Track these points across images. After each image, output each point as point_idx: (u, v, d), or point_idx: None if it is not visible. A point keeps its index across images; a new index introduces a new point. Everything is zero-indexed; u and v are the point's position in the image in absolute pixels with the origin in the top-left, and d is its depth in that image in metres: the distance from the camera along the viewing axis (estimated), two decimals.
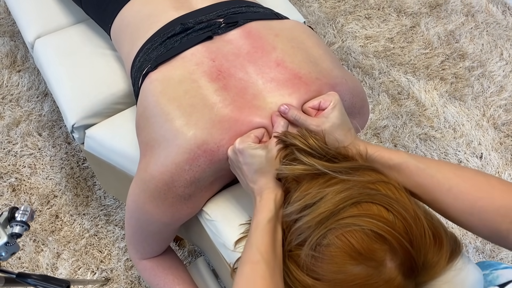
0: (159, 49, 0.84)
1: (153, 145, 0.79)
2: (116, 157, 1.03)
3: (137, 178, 0.83)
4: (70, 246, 1.39)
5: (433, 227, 0.61)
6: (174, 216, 0.83)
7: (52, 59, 1.13)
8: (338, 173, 0.64)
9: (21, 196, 1.48)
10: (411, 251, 0.57)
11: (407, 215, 0.59)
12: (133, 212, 0.86)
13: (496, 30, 1.96)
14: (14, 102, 1.67)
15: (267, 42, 0.83)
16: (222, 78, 0.78)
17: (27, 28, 1.21)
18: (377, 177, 0.65)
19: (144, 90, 0.83)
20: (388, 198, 0.61)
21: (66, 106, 1.07)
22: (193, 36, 0.83)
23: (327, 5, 2.04)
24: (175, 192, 0.77)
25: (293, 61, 0.80)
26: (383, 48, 1.89)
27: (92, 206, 1.47)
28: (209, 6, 0.90)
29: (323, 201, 0.62)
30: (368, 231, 0.57)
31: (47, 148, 1.58)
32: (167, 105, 0.77)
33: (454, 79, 1.80)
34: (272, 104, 0.77)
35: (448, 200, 0.64)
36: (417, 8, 2.03)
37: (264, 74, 0.79)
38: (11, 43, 1.83)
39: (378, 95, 1.76)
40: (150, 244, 0.93)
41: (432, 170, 0.66)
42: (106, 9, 1.00)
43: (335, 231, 0.58)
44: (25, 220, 0.65)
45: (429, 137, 1.65)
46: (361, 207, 0.59)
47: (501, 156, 1.61)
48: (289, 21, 0.92)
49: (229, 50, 0.82)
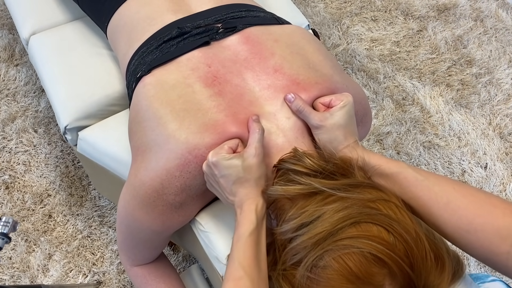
0: (155, 53, 0.82)
1: (144, 149, 0.77)
2: (109, 161, 1.00)
3: (127, 183, 0.81)
4: (62, 247, 1.36)
5: (435, 248, 0.58)
6: (164, 224, 0.80)
7: (46, 57, 1.10)
8: (336, 190, 0.62)
9: (14, 194, 1.45)
10: (411, 275, 0.55)
11: (408, 237, 0.56)
12: (123, 219, 0.84)
13: (505, 36, 1.91)
14: (11, 97, 1.64)
15: (266, 48, 0.80)
16: (218, 84, 0.75)
17: (22, 24, 1.17)
18: (378, 195, 0.62)
19: (137, 94, 0.81)
20: (389, 218, 0.58)
21: (59, 106, 1.04)
22: (190, 41, 0.81)
23: (333, 6, 1.99)
24: (165, 200, 0.75)
25: (292, 67, 0.78)
26: (389, 51, 1.85)
27: (86, 206, 1.44)
28: (208, 10, 0.87)
29: (321, 220, 0.59)
30: (367, 254, 0.54)
31: (43, 145, 1.55)
32: (160, 109, 0.75)
33: (461, 86, 1.76)
34: (270, 115, 0.74)
35: (445, 215, 0.61)
36: (424, 12, 1.98)
37: (261, 81, 0.77)
38: (10, 36, 1.79)
39: (382, 100, 1.72)
40: (141, 251, 0.91)
41: (430, 182, 0.63)
42: (103, 7, 0.97)
43: (332, 253, 0.56)
44: (6, 232, 0.62)
45: (433, 145, 1.61)
46: (360, 228, 0.57)
47: (506, 167, 1.57)
48: (290, 26, 0.89)
49: (226, 56, 0.80)
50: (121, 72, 0.95)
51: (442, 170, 1.56)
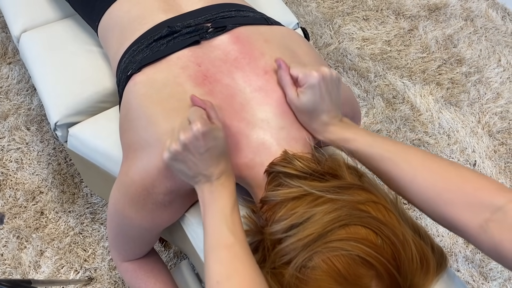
0: (145, 52, 0.82)
1: (136, 148, 0.77)
2: (99, 157, 1.01)
3: (118, 181, 0.81)
4: (54, 244, 1.37)
5: (421, 250, 0.59)
6: (154, 221, 0.81)
7: (37, 54, 1.11)
8: (326, 192, 0.62)
9: (6, 192, 1.45)
10: (397, 277, 0.56)
11: (396, 240, 0.57)
12: (113, 216, 0.85)
13: (495, 36, 1.94)
14: (3, 95, 1.65)
15: (256, 48, 0.80)
16: (208, 83, 0.75)
17: (13, 21, 1.18)
18: (367, 197, 0.63)
19: (127, 92, 0.81)
20: (377, 221, 0.59)
21: (49, 103, 1.04)
22: (180, 40, 0.81)
23: (325, 5, 2.01)
24: (155, 199, 0.76)
25: None
26: (380, 50, 1.87)
27: (78, 203, 1.45)
28: (198, 9, 0.88)
29: (311, 222, 0.60)
30: (355, 257, 0.55)
31: (35, 143, 1.55)
32: (150, 108, 0.75)
33: (451, 85, 1.78)
34: (264, 123, 0.73)
35: (412, 189, 0.63)
36: (416, 11, 2.00)
37: (251, 81, 0.77)
38: (3, 35, 1.80)
39: (372, 98, 1.73)
40: (132, 247, 0.92)
41: (398, 158, 0.65)
42: (94, 6, 0.98)
43: (321, 255, 0.57)
44: None
45: (423, 142, 1.63)
46: (350, 230, 0.58)
47: (494, 165, 1.59)
48: (279, 27, 0.89)
49: (216, 55, 0.80)
50: (112, 70, 0.96)
51: None
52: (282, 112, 0.74)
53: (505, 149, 1.63)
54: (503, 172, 1.57)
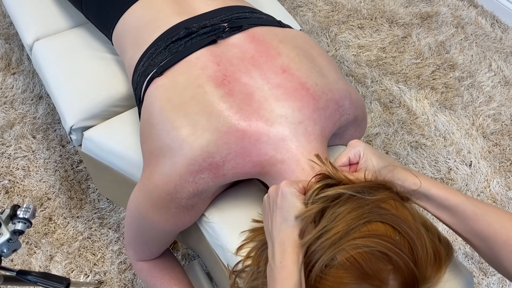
0: (164, 54, 0.84)
1: (157, 153, 0.78)
2: (114, 159, 1.04)
3: (141, 186, 0.83)
4: (63, 248, 1.39)
5: (433, 243, 0.62)
6: (177, 224, 0.83)
7: (51, 61, 1.14)
8: (358, 193, 0.62)
9: (14, 199, 1.47)
10: (414, 270, 0.58)
11: (412, 234, 0.59)
12: (135, 218, 0.86)
13: (485, 42, 2.01)
14: (9, 105, 1.67)
15: (272, 47, 0.82)
16: (227, 83, 0.77)
17: (26, 30, 1.22)
18: (388, 195, 0.64)
19: (149, 95, 0.83)
20: (395, 217, 0.60)
21: (64, 108, 1.08)
22: (197, 40, 0.83)
23: (321, 15, 2.07)
24: (178, 203, 0.77)
25: (300, 69, 0.79)
26: (376, 57, 1.93)
27: (86, 209, 1.47)
28: (213, 11, 0.90)
29: (336, 221, 0.60)
30: (376, 252, 0.57)
31: (41, 150, 1.58)
32: (173, 112, 0.77)
33: (445, 89, 1.84)
34: (282, 119, 0.74)
35: (504, 252, 0.60)
36: (408, 19, 2.07)
37: (269, 79, 0.78)
38: (6, 46, 1.83)
39: (370, 103, 1.79)
40: (150, 248, 0.94)
41: (490, 217, 0.62)
42: (108, 14, 1.00)
43: (345, 252, 0.58)
44: (28, 217, 0.66)
45: (420, 145, 1.68)
46: (371, 227, 0.59)
47: (489, 164, 1.64)
48: (292, 30, 0.92)
49: (233, 54, 0.81)
50: (127, 75, 0.98)
51: (429, 169, 1.63)
52: (301, 106, 0.76)
53: (499, 149, 1.69)
54: (498, 172, 1.63)
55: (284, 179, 0.70)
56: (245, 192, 0.89)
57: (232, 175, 0.76)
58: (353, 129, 0.89)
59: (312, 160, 0.72)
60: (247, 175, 0.78)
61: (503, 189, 1.59)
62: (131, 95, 1.08)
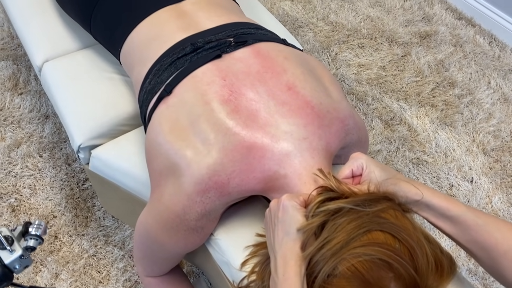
0: (170, 70, 0.85)
1: (166, 174, 0.79)
2: (121, 177, 1.06)
3: (150, 208, 0.83)
4: (68, 266, 1.40)
5: (434, 253, 0.62)
6: (186, 246, 0.84)
7: (60, 82, 1.17)
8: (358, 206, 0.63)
9: (20, 217, 1.49)
10: (416, 277, 0.58)
11: (412, 242, 0.60)
12: (144, 239, 0.87)
13: (483, 60, 2.05)
14: (16, 124, 1.70)
15: (277, 63, 0.82)
16: (234, 99, 0.77)
17: (35, 52, 1.25)
18: (388, 205, 0.65)
19: (158, 114, 0.83)
20: (395, 226, 0.61)
21: (73, 127, 1.10)
22: (203, 55, 0.84)
23: (322, 35, 2.11)
24: (187, 225, 0.78)
25: (305, 87, 0.80)
26: (376, 75, 1.96)
27: (91, 226, 1.48)
28: (218, 26, 0.91)
29: (337, 232, 0.61)
30: (376, 260, 0.58)
31: (47, 169, 1.60)
32: (182, 131, 0.78)
33: (445, 106, 1.87)
34: (287, 135, 0.75)
35: (504, 262, 0.61)
36: (408, 38, 2.11)
37: (275, 95, 0.78)
38: (14, 67, 1.87)
39: (371, 120, 1.81)
40: (159, 266, 0.95)
41: (491, 227, 0.63)
42: (115, 34, 1.02)
43: (346, 262, 0.59)
44: (39, 234, 0.68)
45: (422, 161, 1.70)
46: (371, 236, 0.60)
47: (491, 181, 1.66)
48: (295, 49, 0.93)
49: (239, 68, 0.81)
50: (134, 93, 1.00)
51: (431, 185, 1.64)
52: (306, 123, 0.77)
53: (499, 166, 1.70)
54: (499, 188, 1.64)
55: (287, 193, 0.71)
56: (250, 208, 0.91)
57: (237, 193, 0.77)
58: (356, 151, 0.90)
59: (316, 174, 0.73)
60: (251, 192, 0.79)
61: (505, 205, 1.60)
62: (137, 114, 1.10)
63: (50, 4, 1.32)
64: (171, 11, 0.95)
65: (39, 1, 1.32)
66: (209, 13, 0.94)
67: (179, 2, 0.96)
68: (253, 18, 1.27)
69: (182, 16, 0.94)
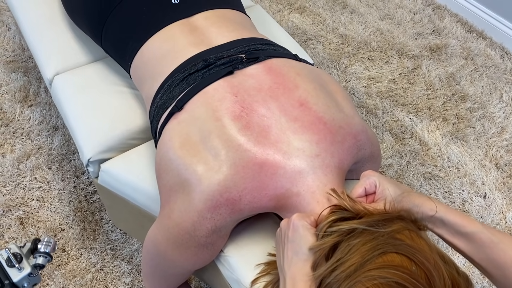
0: (181, 86, 0.85)
1: (177, 189, 0.78)
2: (131, 191, 1.05)
3: (159, 224, 0.82)
4: (76, 280, 1.39)
5: (451, 275, 0.61)
6: (196, 263, 0.83)
7: (70, 95, 1.17)
8: (372, 227, 0.62)
9: (28, 229, 1.48)
10: None
11: (429, 265, 0.59)
12: (154, 255, 0.86)
13: (495, 73, 2.02)
14: (25, 136, 1.70)
15: (289, 79, 0.82)
16: (245, 115, 0.77)
17: (46, 65, 1.25)
18: (403, 226, 0.64)
19: (169, 130, 0.83)
20: (411, 248, 0.60)
21: (82, 141, 1.10)
22: (215, 71, 0.83)
23: (331, 47, 2.11)
24: (197, 242, 0.77)
25: (317, 103, 0.80)
26: (386, 88, 1.95)
27: (99, 240, 1.47)
28: (229, 42, 0.90)
29: (351, 253, 0.61)
30: (392, 283, 0.56)
31: (56, 181, 1.59)
32: (193, 147, 0.77)
33: (456, 120, 1.85)
34: (299, 152, 0.75)
35: None
36: (418, 51, 2.10)
37: (287, 111, 0.78)
38: (24, 79, 1.88)
39: (382, 134, 1.79)
40: (167, 282, 0.94)
41: (506, 245, 0.63)
42: (127, 47, 1.02)
43: (361, 284, 0.58)
44: (48, 251, 0.67)
45: (433, 176, 1.68)
46: (386, 258, 0.59)
47: (504, 196, 1.63)
48: (306, 64, 0.93)
49: (250, 84, 0.81)
50: (145, 107, 1.00)
51: (443, 200, 1.61)
52: (318, 140, 0.76)
53: None
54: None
55: (299, 212, 0.71)
56: (261, 225, 0.89)
57: (249, 210, 0.76)
58: (369, 166, 0.89)
59: (329, 193, 0.72)
60: (263, 209, 0.78)
61: None
62: (148, 128, 1.09)
63: (61, 17, 1.32)
64: (183, 26, 0.94)
65: (50, 14, 1.32)
66: (220, 29, 0.94)
67: (190, 16, 0.96)
68: (264, 31, 1.27)
69: (194, 32, 0.93)
